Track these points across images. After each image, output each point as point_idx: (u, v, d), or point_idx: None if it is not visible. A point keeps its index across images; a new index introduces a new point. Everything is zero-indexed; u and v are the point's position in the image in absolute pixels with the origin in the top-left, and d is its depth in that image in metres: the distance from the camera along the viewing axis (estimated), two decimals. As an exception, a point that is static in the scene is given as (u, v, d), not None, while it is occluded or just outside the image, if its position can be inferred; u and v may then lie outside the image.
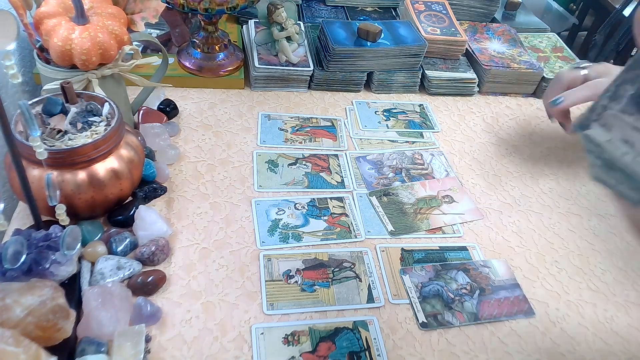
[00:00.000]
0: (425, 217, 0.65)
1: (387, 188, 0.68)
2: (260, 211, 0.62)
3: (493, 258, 0.61)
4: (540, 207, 0.69)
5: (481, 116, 0.85)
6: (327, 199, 0.65)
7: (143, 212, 0.56)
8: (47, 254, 0.47)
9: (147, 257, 0.53)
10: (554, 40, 0.99)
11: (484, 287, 0.57)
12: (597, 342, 0.54)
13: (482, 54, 0.90)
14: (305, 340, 0.50)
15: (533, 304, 0.56)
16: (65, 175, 0.51)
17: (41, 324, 0.41)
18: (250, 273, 0.55)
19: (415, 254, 0.60)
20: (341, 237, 0.61)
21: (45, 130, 0.53)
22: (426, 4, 0.96)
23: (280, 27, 0.80)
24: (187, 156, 0.68)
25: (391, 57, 0.84)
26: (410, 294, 0.55)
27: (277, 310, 0.52)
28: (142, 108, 0.70)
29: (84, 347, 0.45)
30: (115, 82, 0.62)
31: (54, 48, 0.56)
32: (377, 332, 0.52)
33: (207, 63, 0.81)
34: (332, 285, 0.55)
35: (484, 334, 0.53)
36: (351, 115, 0.81)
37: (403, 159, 0.74)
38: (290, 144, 0.73)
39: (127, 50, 0.60)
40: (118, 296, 0.48)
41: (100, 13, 0.58)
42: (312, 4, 1.03)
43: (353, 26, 0.85)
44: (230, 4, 0.74)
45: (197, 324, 0.50)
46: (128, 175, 0.55)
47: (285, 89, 0.84)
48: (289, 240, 0.59)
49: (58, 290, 0.44)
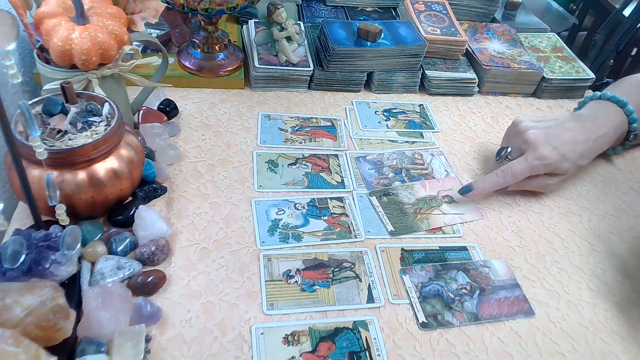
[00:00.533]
0: (425, 217, 0.65)
1: (387, 188, 0.68)
2: (260, 211, 0.62)
3: (493, 258, 0.61)
4: (540, 207, 0.69)
5: (481, 116, 0.85)
6: (327, 199, 0.65)
7: (143, 212, 0.56)
8: (47, 254, 0.47)
9: (147, 257, 0.53)
10: (554, 40, 0.99)
11: (484, 287, 0.57)
12: (597, 342, 0.54)
13: (482, 54, 0.90)
14: (305, 340, 0.50)
15: (533, 304, 0.56)
16: (65, 175, 0.51)
17: (41, 324, 0.41)
18: (250, 273, 0.55)
19: (415, 254, 0.60)
20: (341, 237, 0.61)
21: (45, 130, 0.53)
22: (426, 4, 0.96)
23: (280, 27, 0.80)
24: (187, 156, 0.69)
25: (391, 57, 0.84)
26: (410, 294, 0.55)
27: (277, 310, 0.52)
28: (142, 108, 0.70)
29: (84, 347, 0.45)
30: (115, 82, 0.62)
31: (54, 48, 0.56)
32: (377, 332, 0.52)
33: (207, 63, 0.81)
34: (332, 285, 0.55)
35: (484, 334, 0.53)
36: (351, 115, 0.81)
37: (403, 159, 0.74)
38: (290, 144, 0.73)
39: (127, 50, 0.60)
40: (118, 296, 0.48)
41: (100, 13, 0.58)
42: (312, 4, 1.03)
43: (353, 26, 0.85)
44: (230, 4, 0.74)
45: (197, 324, 0.50)
46: (128, 175, 0.55)
47: (285, 89, 0.84)
48: (289, 240, 0.59)
49: (58, 290, 0.44)
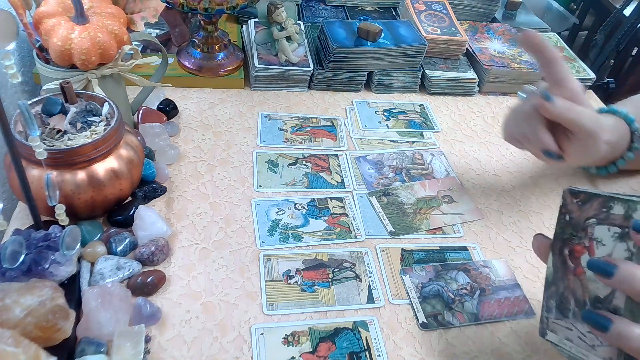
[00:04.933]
0: (425, 217, 0.65)
1: (386, 188, 0.68)
2: (260, 211, 0.62)
3: (493, 258, 0.61)
4: (540, 207, 0.69)
5: (481, 116, 0.85)
6: (327, 199, 0.65)
7: (143, 212, 0.56)
8: (46, 254, 0.47)
9: (146, 258, 0.53)
10: (555, 40, 0.99)
11: (484, 288, 0.57)
12: (597, 342, 0.54)
13: (482, 54, 0.90)
14: (305, 341, 0.50)
15: (533, 304, 0.56)
16: (65, 175, 0.51)
17: (41, 324, 0.41)
18: (250, 273, 0.55)
19: (416, 254, 0.60)
20: (341, 237, 0.61)
21: (45, 130, 0.53)
22: (426, 4, 0.96)
23: (280, 26, 0.80)
24: (187, 156, 0.68)
25: (391, 56, 0.84)
26: (410, 294, 0.55)
27: (277, 311, 0.52)
28: (142, 108, 0.70)
29: (84, 348, 0.45)
30: (114, 82, 0.62)
31: (53, 48, 0.56)
32: (377, 332, 0.51)
33: (206, 63, 0.80)
34: (332, 286, 0.55)
35: (484, 334, 0.53)
36: (351, 115, 0.80)
37: (403, 159, 0.73)
38: (290, 144, 0.73)
39: (126, 50, 0.60)
40: (118, 296, 0.48)
41: (100, 13, 0.58)
42: (312, 4, 1.02)
43: (353, 26, 0.85)
44: (230, 3, 0.73)
45: (196, 324, 0.50)
46: (128, 175, 0.55)
47: (285, 88, 0.84)
48: (289, 241, 0.59)
49: (57, 290, 0.44)
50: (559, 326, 0.39)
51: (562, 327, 0.39)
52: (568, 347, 0.39)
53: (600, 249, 0.37)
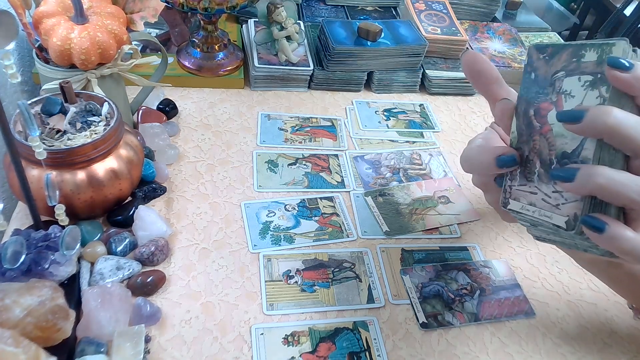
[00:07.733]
0: (420, 218, 0.65)
1: (383, 188, 0.68)
2: (250, 214, 0.62)
3: (493, 258, 0.61)
4: (540, 207, 0.69)
5: (482, 116, 0.85)
6: (317, 199, 0.65)
7: (142, 212, 0.56)
8: (46, 254, 0.47)
9: (146, 258, 0.53)
10: (555, 39, 0.99)
11: (484, 288, 0.57)
12: (597, 342, 0.54)
13: (482, 54, 0.90)
14: (305, 341, 0.50)
15: (533, 304, 0.56)
16: (65, 175, 0.51)
17: (40, 324, 0.41)
18: (250, 273, 0.55)
19: (416, 254, 0.60)
20: (333, 237, 0.61)
21: (45, 130, 0.53)
22: (427, 3, 0.96)
23: (280, 26, 0.80)
24: (187, 156, 0.68)
25: (391, 56, 0.83)
26: (410, 294, 0.55)
27: (277, 311, 0.52)
28: (142, 108, 0.70)
29: (84, 348, 0.45)
30: (114, 81, 0.62)
31: (53, 47, 0.55)
32: (377, 332, 0.51)
33: (206, 62, 0.80)
34: (332, 286, 0.55)
35: (484, 335, 0.53)
36: (351, 115, 0.80)
37: (401, 158, 0.73)
38: (290, 144, 0.73)
39: (126, 50, 0.60)
40: (117, 296, 0.48)
41: (100, 12, 0.58)
42: (312, 3, 1.02)
43: (353, 25, 0.85)
44: (230, 3, 0.73)
45: (196, 324, 0.50)
46: (127, 175, 0.55)
47: (285, 88, 0.84)
48: (281, 243, 0.59)
49: (57, 290, 0.44)
50: (522, 192, 0.38)
51: (525, 193, 0.38)
52: (531, 212, 0.37)
53: (569, 101, 0.35)
